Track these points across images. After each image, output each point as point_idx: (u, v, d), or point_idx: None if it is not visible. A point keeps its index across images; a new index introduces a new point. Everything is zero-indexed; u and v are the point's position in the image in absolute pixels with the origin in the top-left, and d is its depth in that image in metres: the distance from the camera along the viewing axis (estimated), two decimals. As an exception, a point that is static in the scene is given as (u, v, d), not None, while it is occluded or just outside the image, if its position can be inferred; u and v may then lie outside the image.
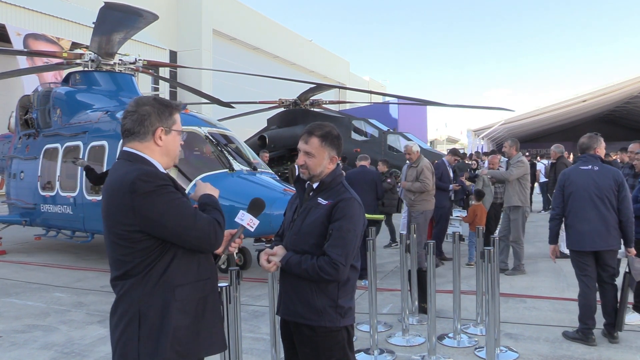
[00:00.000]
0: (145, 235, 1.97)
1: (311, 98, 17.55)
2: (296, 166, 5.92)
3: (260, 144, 16.73)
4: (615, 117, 50.77)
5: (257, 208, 2.43)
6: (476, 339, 4.73)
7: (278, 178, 7.98)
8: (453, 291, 4.91)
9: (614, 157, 11.60)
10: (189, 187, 6.51)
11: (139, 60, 9.76)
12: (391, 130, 18.57)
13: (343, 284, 2.44)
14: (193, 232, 2.01)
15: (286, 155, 17.07)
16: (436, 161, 9.47)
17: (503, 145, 8.15)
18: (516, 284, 6.75)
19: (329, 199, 2.45)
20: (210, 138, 7.60)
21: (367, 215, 3.92)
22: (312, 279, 2.37)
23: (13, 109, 10.77)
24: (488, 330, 3.89)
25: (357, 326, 4.86)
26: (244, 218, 2.36)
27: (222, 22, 31.85)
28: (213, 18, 30.96)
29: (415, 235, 5.29)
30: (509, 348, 4.46)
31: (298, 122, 16.97)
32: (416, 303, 5.41)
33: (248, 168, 7.58)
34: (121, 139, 2.18)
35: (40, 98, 9.60)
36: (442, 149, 40.81)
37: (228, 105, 13.20)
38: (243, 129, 20.42)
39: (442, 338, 4.72)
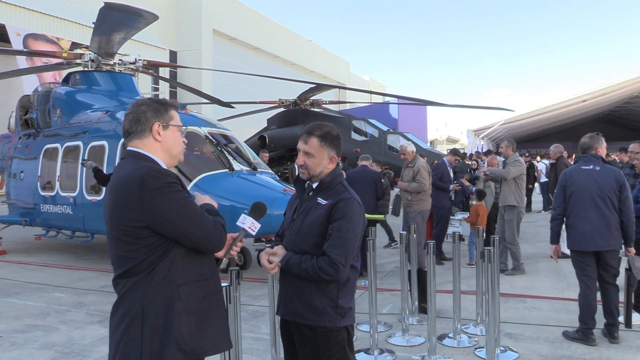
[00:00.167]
0: (150, 231, 1.97)
1: (311, 98, 17.55)
2: (296, 166, 5.91)
3: (260, 144, 16.73)
4: (615, 117, 50.77)
5: (259, 211, 2.43)
6: (476, 339, 4.72)
7: (278, 178, 7.98)
8: (453, 291, 4.91)
9: (613, 157, 11.59)
10: (189, 187, 6.51)
11: (139, 60, 9.76)
12: (391, 130, 18.59)
13: (343, 284, 2.43)
14: (198, 231, 2.02)
15: (286, 155, 17.08)
16: (436, 161, 9.46)
17: (499, 146, 8.15)
18: (516, 284, 6.75)
19: (329, 199, 2.45)
20: (210, 138, 7.60)
21: (367, 215, 3.92)
22: (312, 279, 2.37)
23: (13, 109, 10.77)
24: (488, 330, 3.89)
25: (357, 326, 4.86)
26: (246, 221, 2.35)
27: (222, 22, 31.87)
28: (213, 18, 30.98)
29: (415, 235, 5.29)
30: (509, 348, 4.46)
31: (298, 122, 16.97)
32: (416, 303, 5.41)
33: (248, 168, 7.58)
34: (121, 139, 2.19)
35: (40, 98, 9.60)
36: (442, 149, 40.86)
37: (228, 105, 13.20)
38: (243, 129, 20.42)
39: (442, 338, 4.72)
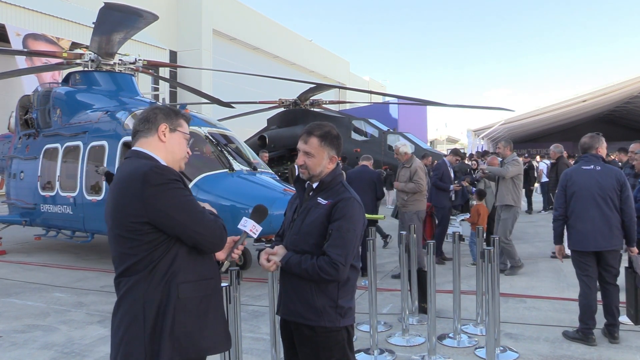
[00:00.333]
0: (151, 227, 1.97)
1: (311, 98, 17.57)
2: (296, 166, 5.91)
3: (260, 144, 16.75)
4: (615, 117, 50.76)
5: (260, 214, 2.43)
6: (476, 339, 4.72)
7: (278, 178, 7.98)
8: (453, 291, 4.91)
9: (613, 157, 11.58)
10: (189, 187, 6.50)
11: (139, 60, 9.76)
12: (391, 130, 18.60)
13: (343, 284, 2.43)
14: (199, 229, 2.02)
15: (286, 155, 17.09)
16: (436, 161, 9.46)
17: (497, 146, 8.16)
18: (516, 284, 6.75)
19: (329, 199, 2.45)
20: (210, 138, 7.60)
21: (367, 215, 3.92)
22: (312, 279, 2.37)
23: (13, 109, 10.78)
24: (488, 330, 3.89)
25: (357, 326, 4.86)
26: (247, 224, 2.35)
27: (222, 22, 31.86)
28: (213, 18, 30.97)
29: (415, 235, 5.29)
30: (509, 348, 4.46)
31: (298, 122, 16.98)
32: (416, 303, 5.41)
33: (248, 168, 7.58)
34: (121, 139, 2.21)
35: (40, 98, 9.60)
36: (442, 149, 40.87)
37: (228, 105, 13.20)
38: (243, 129, 20.43)
39: (442, 338, 4.72)
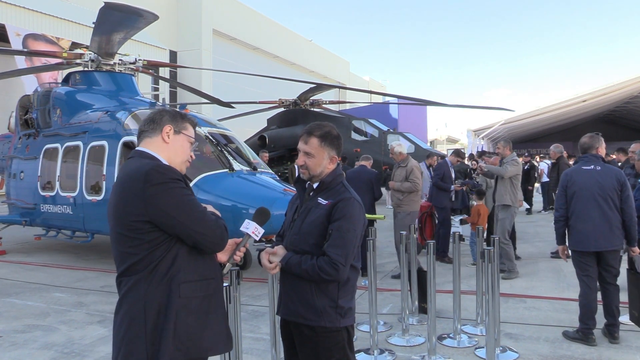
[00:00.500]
0: (152, 226, 1.98)
1: (311, 98, 17.55)
2: (296, 166, 5.92)
3: (260, 144, 16.74)
4: (615, 117, 50.77)
5: (263, 216, 2.43)
6: (476, 339, 4.72)
7: (278, 178, 7.97)
8: (453, 291, 4.91)
9: (612, 157, 11.58)
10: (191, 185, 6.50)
11: (139, 60, 9.75)
12: (391, 130, 18.59)
13: (343, 284, 2.43)
14: (199, 229, 2.02)
15: (286, 155, 17.08)
16: (438, 161, 9.45)
17: (497, 146, 8.15)
18: (516, 284, 6.75)
19: (329, 199, 2.45)
20: (210, 138, 7.59)
21: (367, 215, 3.92)
22: (312, 279, 2.37)
23: (13, 109, 10.77)
24: (488, 330, 3.89)
25: (357, 326, 4.86)
26: (249, 226, 2.35)
27: (222, 22, 31.86)
28: (213, 18, 30.97)
29: (416, 235, 5.29)
30: (509, 348, 4.46)
31: (298, 122, 16.98)
32: (416, 303, 5.41)
33: (248, 168, 7.57)
34: (121, 139, 2.21)
35: (40, 98, 9.60)
36: (442, 149, 40.88)
37: (228, 105, 13.19)
38: (243, 129, 20.43)
39: (442, 338, 4.72)
